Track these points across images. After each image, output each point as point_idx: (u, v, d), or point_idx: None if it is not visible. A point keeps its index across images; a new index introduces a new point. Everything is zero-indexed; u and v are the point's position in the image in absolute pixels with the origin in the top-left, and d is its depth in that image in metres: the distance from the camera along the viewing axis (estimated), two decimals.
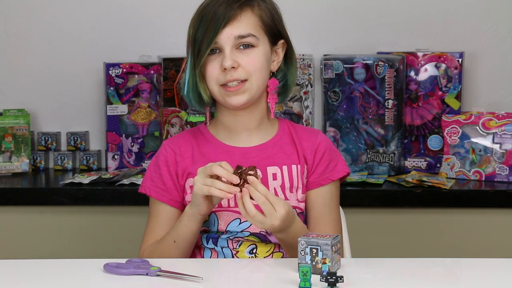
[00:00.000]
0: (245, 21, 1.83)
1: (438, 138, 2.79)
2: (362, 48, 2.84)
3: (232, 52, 1.82)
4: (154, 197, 1.91)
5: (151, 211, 1.93)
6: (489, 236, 2.59)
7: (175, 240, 1.83)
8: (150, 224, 1.92)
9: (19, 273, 1.70)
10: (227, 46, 1.82)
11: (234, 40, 1.82)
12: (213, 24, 1.81)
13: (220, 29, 1.81)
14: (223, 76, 1.83)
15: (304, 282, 1.53)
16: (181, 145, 1.93)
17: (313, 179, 1.92)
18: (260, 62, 1.85)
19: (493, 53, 2.88)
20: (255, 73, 1.84)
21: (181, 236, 1.83)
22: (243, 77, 1.83)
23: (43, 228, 2.63)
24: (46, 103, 2.94)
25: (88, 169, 2.86)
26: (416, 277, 1.66)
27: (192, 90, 1.87)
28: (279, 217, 1.71)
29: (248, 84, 1.84)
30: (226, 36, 1.82)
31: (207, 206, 1.77)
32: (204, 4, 1.86)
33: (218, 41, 1.82)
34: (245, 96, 1.85)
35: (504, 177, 2.65)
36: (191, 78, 1.86)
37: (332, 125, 2.79)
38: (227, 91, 1.84)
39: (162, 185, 1.91)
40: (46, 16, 2.91)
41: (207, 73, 1.85)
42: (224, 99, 1.86)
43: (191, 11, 1.90)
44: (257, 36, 1.84)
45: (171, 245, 1.84)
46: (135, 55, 2.85)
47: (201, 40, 1.83)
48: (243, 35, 1.83)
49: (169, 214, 1.90)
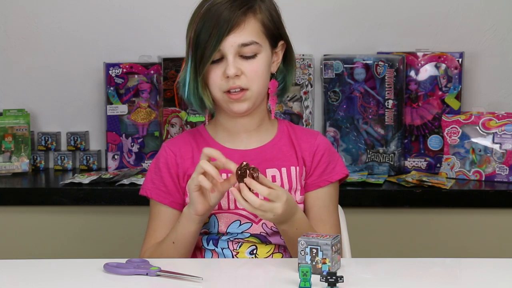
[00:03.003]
0: (249, 28, 1.83)
1: (438, 138, 2.79)
2: (362, 48, 2.84)
3: (235, 60, 1.82)
4: (156, 199, 1.91)
5: (152, 213, 1.93)
6: (489, 236, 2.59)
7: (174, 241, 1.83)
8: (151, 226, 1.92)
9: (19, 273, 1.70)
10: (230, 54, 1.82)
11: (237, 48, 1.82)
12: (216, 31, 1.80)
13: (223, 37, 1.80)
14: (226, 82, 1.83)
15: (304, 282, 1.53)
16: (181, 146, 1.93)
17: (311, 181, 1.92)
18: (262, 69, 1.85)
19: (493, 53, 2.88)
20: (257, 81, 1.84)
21: (179, 237, 1.83)
22: (245, 86, 1.83)
23: (43, 228, 2.63)
24: (46, 103, 2.94)
25: (88, 169, 2.86)
26: (416, 277, 1.66)
27: (193, 95, 1.87)
28: (283, 201, 1.71)
29: (249, 93, 1.84)
30: (229, 44, 1.81)
31: (203, 204, 1.76)
32: (205, 7, 1.83)
33: (222, 49, 1.81)
34: (246, 103, 1.85)
35: (504, 177, 2.65)
36: (192, 83, 1.86)
37: (332, 125, 2.79)
38: (230, 98, 1.84)
39: (163, 187, 1.90)
40: (46, 16, 2.91)
41: (210, 81, 1.85)
42: (227, 106, 1.86)
43: (191, 11, 1.89)
44: (260, 42, 1.84)
45: (170, 247, 1.83)
46: (135, 55, 2.85)
47: (204, 47, 1.82)
48: (246, 43, 1.82)
49: (170, 216, 1.90)
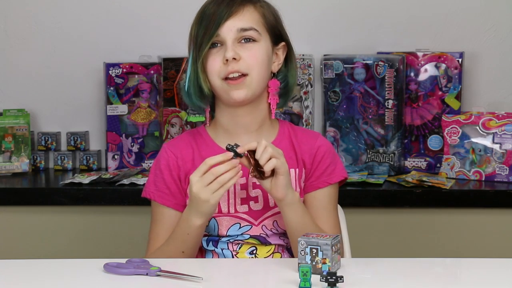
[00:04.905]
0: (248, 15, 1.84)
1: (438, 138, 2.79)
2: (362, 48, 2.84)
3: (234, 45, 1.82)
4: (159, 202, 1.90)
5: (155, 216, 1.92)
6: (489, 236, 2.59)
7: (183, 251, 1.82)
8: (155, 229, 1.91)
9: (19, 273, 1.70)
10: (229, 38, 1.82)
11: (236, 33, 1.82)
12: (215, 18, 1.82)
13: (222, 22, 1.82)
14: (225, 68, 1.83)
15: (304, 282, 1.53)
16: (182, 148, 1.92)
17: (310, 182, 1.92)
18: (261, 56, 1.85)
19: (493, 53, 2.88)
20: (256, 67, 1.84)
21: (190, 246, 1.82)
22: (244, 70, 1.83)
23: (43, 228, 2.63)
24: (46, 103, 2.94)
25: (88, 169, 2.86)
26: (416, 277, 1.66)
27: (193, 84, 1.87)
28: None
29: (249, 78, 1.83)
30: (228, 29, 1.82)
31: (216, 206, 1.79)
32: (205, 3, 1.87)
33: (220, 34, 1.82)
34: (245, 90, 1.84)
35: (504, 177, 2.65)
36: (192, 73, 1.86)
37: (332, 125, 2.79)
38: (229, 84, 1.83)
39: (166, 190, 1.90)
40: (46, 16, 2.91)
41: (208, 66, 1.84)
42: (226, 93, 1.85)
43: (191, 11, 1.90)
44: (259, 31, 1.85)
45: (179, 255, 1.82)
46: (135, 55, 2.85)
47: (202, 34, 1.83)
48: (246, 28, 1.83)
49: (173, 219, 1.88)
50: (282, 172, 1.75)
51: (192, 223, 1.78)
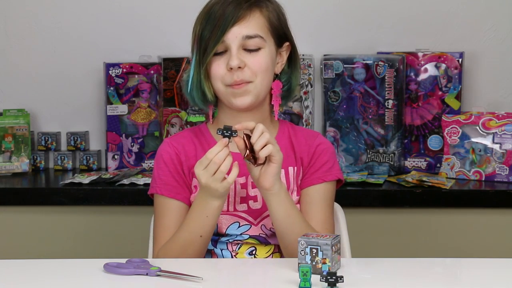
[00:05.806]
0: (254, 21, 1.83)
1: (438, 138, 2.79)
2: (362, 48, 2.84)
3: (238, 52, 1.82)
4: (167, 195, 1.88)
5: (161, 211, 1.89)
6: (489, 236, 2.59)
7: (201, 235, 1.80)
8: (162, 224, 1.88)
9: (19, 273, 1.70)
10: (234, 45, 1.81)
11: (242, 40, 1.82)
12: (221, 23, 1.81)
13: (228, 28, 1.81)
14: (229, 76, 1.82)
15: (304, 282, 1.53)
16: (184, 144, 1.92)
17: (305, 178, 1.91)
18: (266, 63, 1.84)
19: (493, 53, 2.88)
20: (260, 74, 1.84)
21: (208, 230, 1.80)
22: (248, 79, 1.83)
23: (43, 228, 2.63)
24: (46, 103, 2.94)
25: (88, 169, 2.86)
26: (416, 277, 1.66)
27: (196, 88, 1.86)
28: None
29: (252, 85, 1.84)
30: (233, 36, 1.81)
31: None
32: (212, 2, 1.85)
33: (226, 40, 1.81)
34: (249, 97, 1.84)
35: (504, 177, 2.65)
36: (195, 76, 1.86)
37: (332, 125, 2.79)
38: (233, 89, 1.83)
39: (173, 182, 1.88)
40: (46, 16, 2.92)
41: (212, 72, 1.84)
42: (229, 100, 1.85)
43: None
44: (264, 37, 1.84)
45: (196, 240, 1.80)
46: (135, 55, 2.85)
47: (208, 37, 1.82)
48: (251, 35, 1.82)
49: (183, 212, 1.87)
50: (275, 160, 1.74)
51: (210, 205, 1.77)
